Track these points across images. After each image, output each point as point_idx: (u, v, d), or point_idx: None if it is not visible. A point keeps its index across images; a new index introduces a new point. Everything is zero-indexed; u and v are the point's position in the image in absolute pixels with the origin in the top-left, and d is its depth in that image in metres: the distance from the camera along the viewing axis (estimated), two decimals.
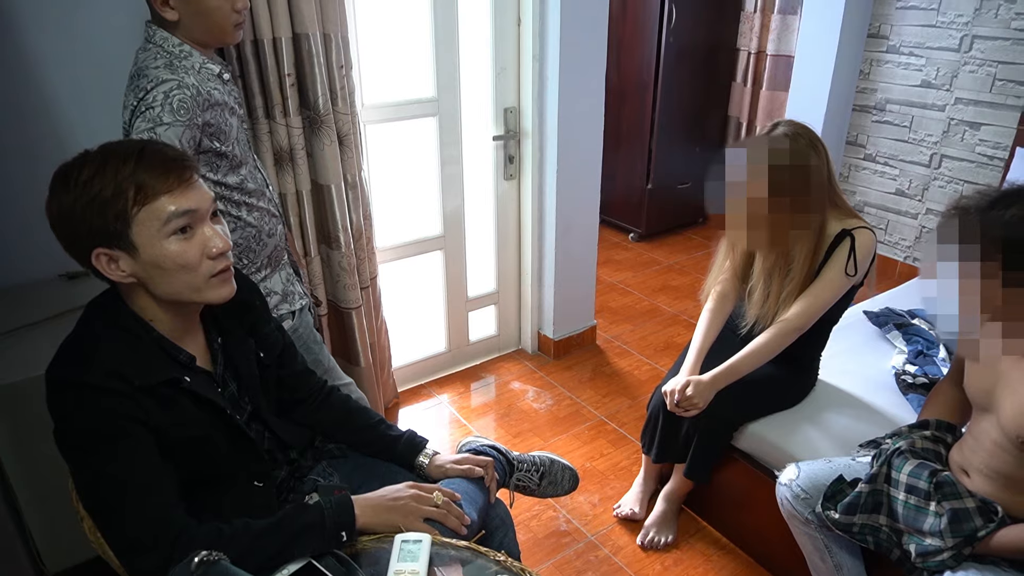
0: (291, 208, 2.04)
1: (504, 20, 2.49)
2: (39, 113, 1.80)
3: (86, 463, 1.04)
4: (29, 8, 1.71)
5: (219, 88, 1.46)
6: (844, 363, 2.07)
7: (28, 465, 1.60)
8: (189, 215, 1.05)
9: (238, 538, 1.08)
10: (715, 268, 1.96)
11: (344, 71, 1.98)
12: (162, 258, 1.04)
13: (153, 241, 1.03)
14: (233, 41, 1.50)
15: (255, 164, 1.62)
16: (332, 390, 1.47)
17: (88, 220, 1.01)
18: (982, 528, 1.26)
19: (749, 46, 4.01)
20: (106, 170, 1.01)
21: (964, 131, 3.20)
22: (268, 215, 1.62)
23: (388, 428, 1.46)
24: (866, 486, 1.42)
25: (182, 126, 1.35)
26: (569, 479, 1.74)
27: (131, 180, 1.01)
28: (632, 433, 2.52)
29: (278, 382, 1.38)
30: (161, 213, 1.03)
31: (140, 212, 1.02)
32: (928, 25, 3.20)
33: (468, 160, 2.62)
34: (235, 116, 1.51)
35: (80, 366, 1.03)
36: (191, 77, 1.39)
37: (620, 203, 4.25)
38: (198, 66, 1.42)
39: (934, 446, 1.44)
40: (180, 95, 1.35)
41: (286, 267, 1.73)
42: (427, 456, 1.42)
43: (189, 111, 1.36)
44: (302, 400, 1.42)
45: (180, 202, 1.04)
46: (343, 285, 2.19)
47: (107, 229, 1.01)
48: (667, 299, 3.53)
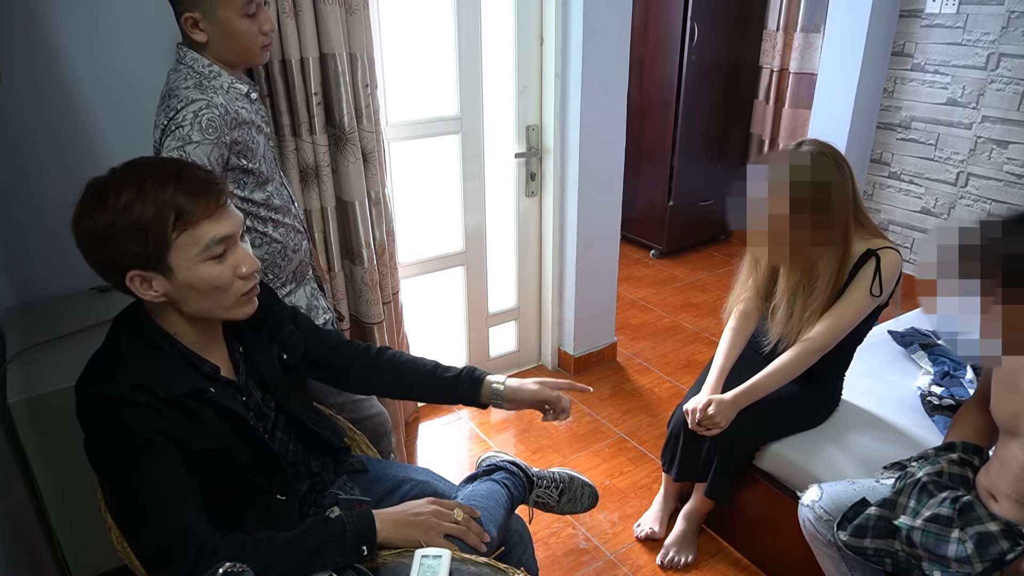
0: (315, 224, 2.07)
1: (527, 38, 2.52)
2: (73, 131, 1.86)
3: (113, 474, 1.07)
4: (65, 29, 1.77)
5: (246, 107, 1.50)
6: (868, 383, 2.05)
7: (58, 474, 1.64)
8: (226, 241, 1.08)
9: (261, 551, 1.09)
10: (738, 286, 1.95)
11: (369, 90, 2.01)
12: (197, 280, 1.06)
13: (190, 264, 1.05)
14: (260, 62, 1.53)
15: (281, 181, 1.65)
16: (378, 351, 1.45)
17: (127, 244, 1.02)
18: (1009, 551, 1.24)
19: (771, 64, 4.01)
20: (145, 194, 1.02)
21: (991, 149, 3.16)
22: (293, 231, 1.65)
23: (445, 371, 1.43)
24: (876, 510, 1.40)
25: (211, 144, 1.38)
26: (589, 496, 1.74)
27: (171, 205, 1.02)
28: (652, 451, 2.50)
29: (315, 365, 1.39)
30: (201, 239, 1.05)
31: (180, 237, 1.04)
32: (953, 43, 3.18)
33: (490, 177, 2.64)
34: (262, 134, 1.54)
35: (107, 379, 1.06)
36: (219, 97, 1.42)
37: (641, 220, 4.25)
38: (227, 86, 1.46)
39: (961, 470, 1.41)
40: (209, 114, 1.39)
41: (310, 282, 1.76)
42: (500, 383, 1.39)
43: (217, 130, 1.40)
44: (344, 375, 1.43)
45: (218, 228, 1.06)
46: (366, 300, 2.21)
47: (145, 253, 1.03)
48: (688, 316, 3.51)
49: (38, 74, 1.78)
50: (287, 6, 1.78)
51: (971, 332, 1.20)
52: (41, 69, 1.78)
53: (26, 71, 1.75)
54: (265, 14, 1.47)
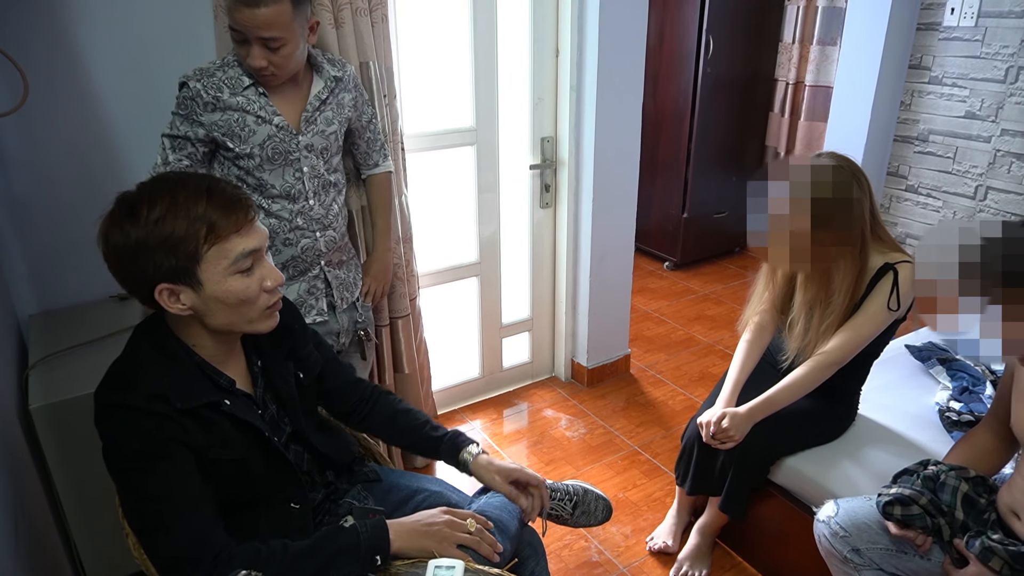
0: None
1: (542, 51, 2.54)
2: (96, 144, 1.90)
3: (129, 482, 1.08)
4: (90, 45, 1.81)
5: (245, 97, 1.60)
6: (885, 398, 2.03)
7: (77, 480, 1.65)
8: (254, 254, 1.10)
9: (276, 559, 1.10)
10: (753, 299, 1.94)
11: (387, 100, 2.04)
12: (226, 293, 1.08)
13: (219, 278, 1.07)
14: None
15: (296, 176, 1.68)
16: (379, 396, 1.48)
17: (157, 258, 1.03)
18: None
19: (787, 76, 4.01)
20: (178, 208, 1.03)
21: (1011, 163, 3.13)
22: (290, 224, 1.70)
23: (433, 429, 1.45)
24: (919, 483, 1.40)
25: (181, 118, 1.60)
26: (602, 509, 1.73)
27: (203, 220, 1.04)
28: (666, 464, 2.49)
29: (325, 395, 1.41)
30: (231, 253, 1.07)
31: (210, 251, 1.05)
32: (972, 56, 3.16)
33: (505, 188, 2.66)
34: (264, 124, 1.62)
35: (125, 389, 1.07)
36: (200, 82, 1.58)
37: (656, 232, 4.25)
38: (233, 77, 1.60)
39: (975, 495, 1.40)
40: (184, 94, 1.59)
41: (311, 281, 1.78)
42: (470, 454, 1.41)
43: (188, 109, 1.59)
44: (348, 413, 1.46)
45: (248, 242, 1.08)
46: (396, 294, 2.24)
47: (176, 266, 1.04)
48: (702, 329, 3.49)
49: (64, 89, 1.82)
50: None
51: (971, 332, 1.19)
52: (67, 84, 1.82)
53: (52, 86, 1.79)
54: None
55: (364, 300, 1.97)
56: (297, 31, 1.52)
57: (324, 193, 1.74)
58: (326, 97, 1.70)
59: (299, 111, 1.67)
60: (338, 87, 1.72)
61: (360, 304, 1.94)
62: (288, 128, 1.63)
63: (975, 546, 1.30)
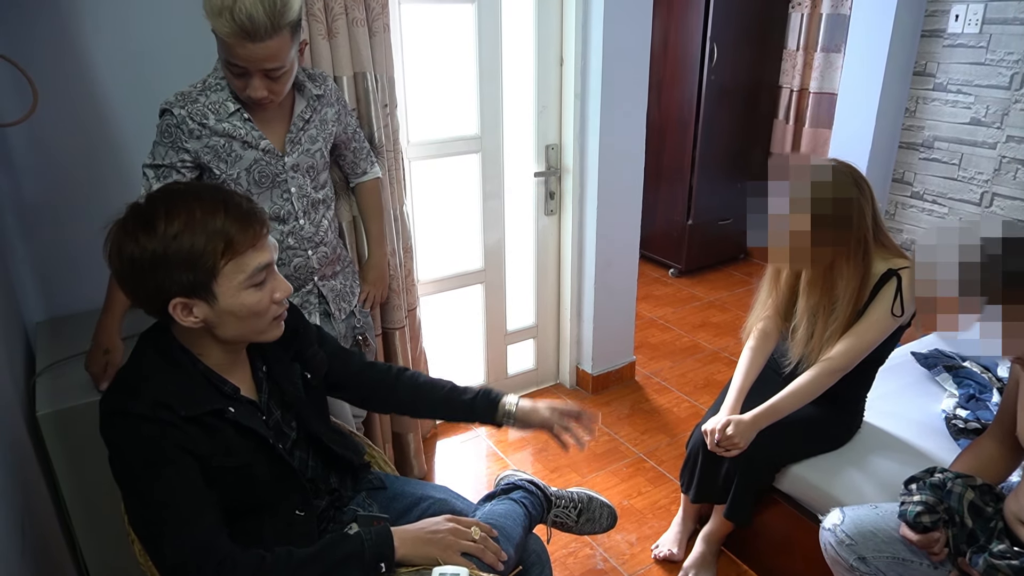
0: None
1: (547, 59, 2.55)
2: (104, 151, 1.91)
3: (134, 489, 1.08)
4: (98, 51, 1.83)
5: (230, 123, 1.58)
6: (891, 405, 2.02)
7: (82, 486, 1.66)
8: (267, 268, 1.11)
9: (280, 566, 1.10)
10: (757, 305, 1.94)
11: (388, 110, 2.05)
12: (239, 307, 1.09)
13: (234, 292, 1.08)
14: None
15: (284, 197, 1.67)
16: (399, 372, 1.48)
17: (174, 272, 1.03)
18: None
19: (792, 83, 4.01)
20: (196, 223, 1.03)
21: (1017, 169, 3.13)
22: (282, 245, 1.68)
23: (462, 392, 1.45)
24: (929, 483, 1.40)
25: (164, 147, 1.58)
26: (607, 517, 1.73)
27: (221, 235, 1.04)
28: (671, 471, 2.48)
29: (340, 388, 1.42)
30: (247, 267, 1.07)
31: (227, 265, 1.06)
32: (976, 63, 3.16)
33: (509, 196, 2.66)
34: (251, 149, 1.60)
35: (129, 396, 1.07)
36: (184, 109, 1.55)
37: (660, 239, 4.25)
38: (218, 102, 1.57)
39: (982, 503, 1.39)
40: (166, 122, 1.57)
41: (304, 296, 1.76)
42: (512, 405, 1.41)
43: (172, 136, 1.56)
44: (369, 397, 1.47)
45: (262, 257, 1.09)
46: (390, 305, 2.24)
47: (193, 281, 1.04)
48: (707, 336, 3.49)
49: (72, 97, 1.83)
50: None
51: (970, 332, 1.19)
52: (75, 92, 1.83)
53: (60, 94, 1.81)
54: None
55: (363, 306, 1.97)
56: (294, 55, 1.52)
57: (313, 211, 1.72)
58: (309, 116, 1.68)
59: (283, 132, 1.65)
60: (320, 103, 1.70)
61: (359, 310, 1.94)
62: (274, 151, 1.62)
63: (979, 563, 1.30)
